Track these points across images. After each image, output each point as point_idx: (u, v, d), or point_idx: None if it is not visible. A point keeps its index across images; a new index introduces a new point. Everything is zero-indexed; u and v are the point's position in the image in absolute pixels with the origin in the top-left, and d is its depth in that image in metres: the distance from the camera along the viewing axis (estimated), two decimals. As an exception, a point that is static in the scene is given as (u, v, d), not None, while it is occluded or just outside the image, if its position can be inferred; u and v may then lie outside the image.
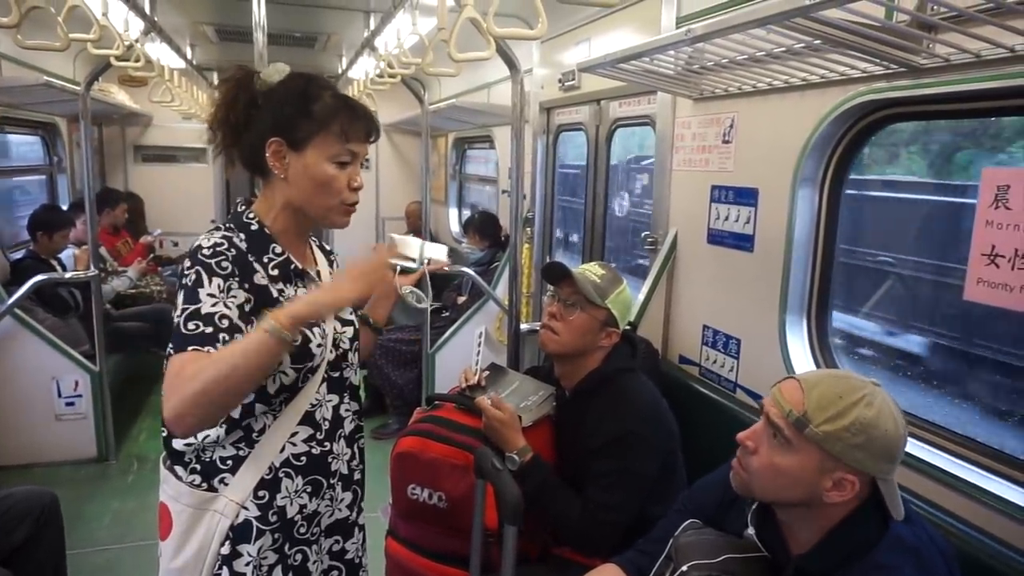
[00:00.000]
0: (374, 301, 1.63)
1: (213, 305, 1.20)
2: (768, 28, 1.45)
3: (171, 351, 1.19)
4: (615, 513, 1.73)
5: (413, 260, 1.60)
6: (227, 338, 1.19)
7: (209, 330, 1.18)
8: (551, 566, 1.85)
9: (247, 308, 1.25)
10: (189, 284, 1.22)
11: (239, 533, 1.30)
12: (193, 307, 1.20)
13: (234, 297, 1.23)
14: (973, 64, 1.44)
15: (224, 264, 1.24)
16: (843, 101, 1.79)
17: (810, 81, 1.85)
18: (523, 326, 2.49)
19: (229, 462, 1.31)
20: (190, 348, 1.17)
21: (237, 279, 1.25)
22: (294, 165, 1.31)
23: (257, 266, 1.30)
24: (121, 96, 5.59)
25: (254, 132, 1.32)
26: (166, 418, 1.15)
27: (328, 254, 1.55)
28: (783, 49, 1.69)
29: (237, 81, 1.35)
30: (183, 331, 1.19)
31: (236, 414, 1.30)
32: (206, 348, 1.17)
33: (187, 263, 1.24)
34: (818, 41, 1.52)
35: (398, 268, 1.58)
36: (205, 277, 1.22)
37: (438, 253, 1.69)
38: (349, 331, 1.46)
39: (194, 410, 1.13)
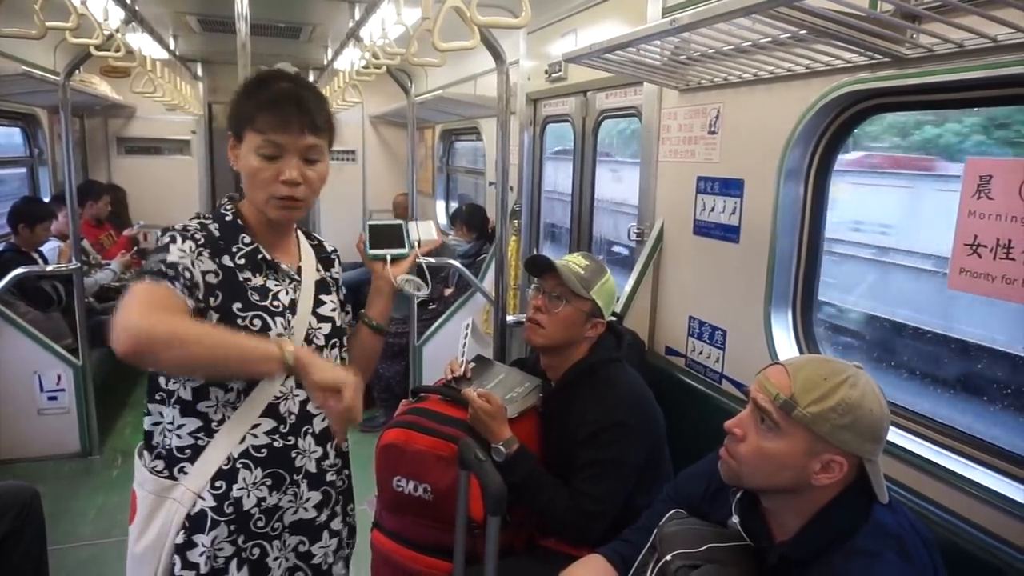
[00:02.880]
0: (371, 296, 1.57)
1: (180, 257, 1.24)
2: (753, 17, 1.45)
3: (129, 282, 1.22)
4: (602, 504, 1.73)
5: (402, 247, 1.54)
6: (186, 283, 1.21)
7: (171, 272, 1.21)
8: (537, 557, 1.85)
9: (213, 280, 1.28)
10: (160, 244, 1.27)
11: (194, 523, 1.30)
12: (159, 256, 1.23)
13: (201, 261, 1.27)
14: (957, 54, 1.44)
15: (197, 236, 1.30)
16: (828, 92, 1.79)
17: (795, 72, 1.86)
18: (509, 318, 2.48)
19: (188, 451, 1.31)
20: (147, 278, 1.20)
21: (208, 250, 1.29)
22: (240, 159, 1.33)
23: (226, 252, 1.33)
24: (103, 87, 5.51)
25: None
26: (117, 328, 1.10)
27: (328, 253, 1.55)
28: (768, 39, 1.68)
29: (245, 80, 1.41)
30: (144, 267, 1.24)
31: (188, 396, 1.30)
32: (162, 282, 1.19)
33: (160, 233, 1.30)
34: (803, 31, 1.52)
35: (389, 258, 1.52)
36: (179, 239, 1.27)
37: (427, 232, 1.63)
38: (325, 328, 1.44)
39: (150, 342, 1.10)
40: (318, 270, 1.48)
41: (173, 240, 1.26)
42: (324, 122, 1.34)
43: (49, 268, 3.83)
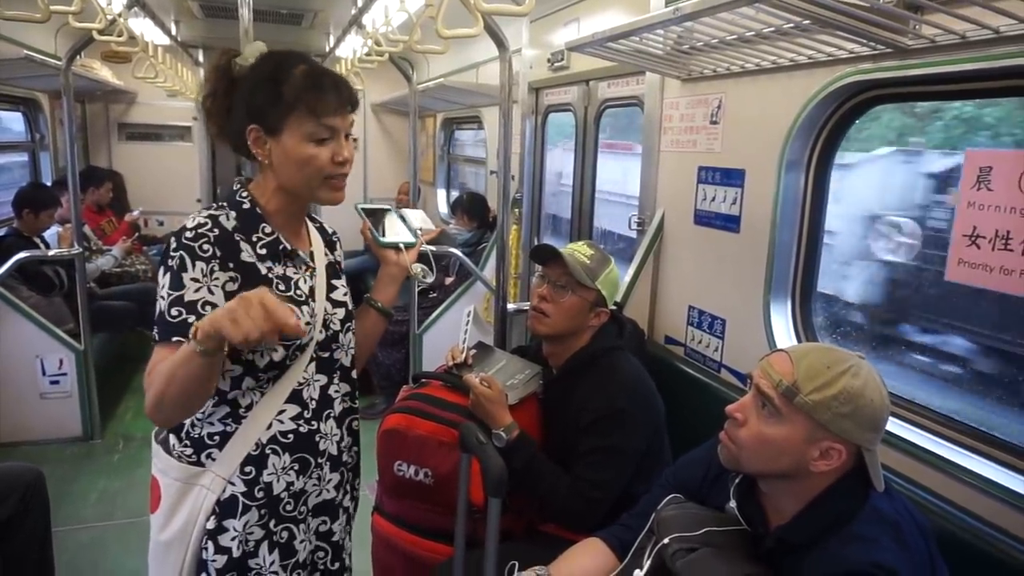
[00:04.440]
0: (381, 282, 1.59)
1: (196, 291, 1.22)
2: (757, 6, 1.45)
3: (156, 337, 1.21)
4: (602, 490, 1.74)
5: (408, 235, 1.57)
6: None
7: (192, 319, 1.19)
8: (537, 542, 1.86)
9: (233, 287, 1.26)
10: (174, 268, 1.23)
11: (225, 508, 1.31)
12: (177, 293, 1.22)
13: (216, 280, 1.25)
14: (959, 45, 1.44)
15: (205, 247, 1.25)
16: (830, 82, 1.79)
17: (797, 62, 1.86)
18: (510, 306, 2.49)
19: (216, 438, 1.32)
20: (174, 339, 1.19)
21: (219, 260, 1.26)
22: (275, 150, 1.30)
23: (244, 244, 1.30)
24: (104, 72, 5.49)
25: (235, 119, 1.33)
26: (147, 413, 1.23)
27: (330, 235, 1.55)
28: (771, 29, 1.69)
29: (215, 67, 1.36)
30: (167, 318, 1.21)
31: (226, 387, 1.31)
32: (180, 342, 1.19)
33: (172, 244, 1.25)
34: (806, 21, 1.52)
35: (401, 245, 1.55)
36: (188, 261, 1.23)
37: (423, 221, 1.66)
38: (340, 312, 1.45)
39: (158, 413, 1.21)
40: (326, 254, 1.49)
41: (183, 267, 1.22)
42: (355, 98, 1.37)
43: (51, 253, 3.85)
